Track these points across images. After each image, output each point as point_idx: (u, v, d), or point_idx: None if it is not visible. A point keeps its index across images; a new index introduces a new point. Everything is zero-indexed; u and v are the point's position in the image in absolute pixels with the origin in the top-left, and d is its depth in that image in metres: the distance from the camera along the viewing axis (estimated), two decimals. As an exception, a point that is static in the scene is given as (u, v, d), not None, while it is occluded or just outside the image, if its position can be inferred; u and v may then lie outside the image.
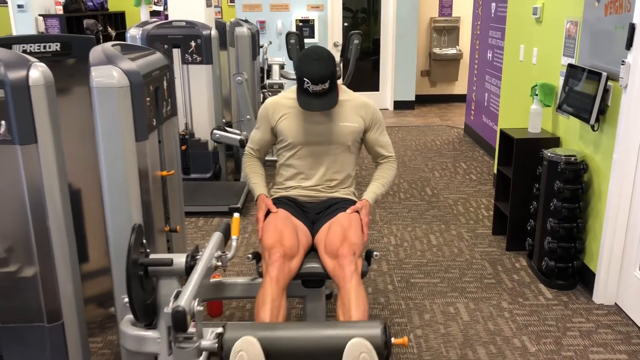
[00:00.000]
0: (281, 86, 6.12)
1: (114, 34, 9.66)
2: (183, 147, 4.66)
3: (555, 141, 3.53)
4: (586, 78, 3.08)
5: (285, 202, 2.51)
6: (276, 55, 7.33)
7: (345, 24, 8.21)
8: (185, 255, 2.06)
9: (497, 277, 3.35)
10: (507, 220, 3.65)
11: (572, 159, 3.11)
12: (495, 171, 4.51)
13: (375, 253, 2.40)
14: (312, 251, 2.42)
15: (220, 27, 5.66)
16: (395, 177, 2.67)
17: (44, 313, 2.02)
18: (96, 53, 2.12)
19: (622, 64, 2.77)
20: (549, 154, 3.20)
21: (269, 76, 6.28)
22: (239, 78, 4.78)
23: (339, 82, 2.53)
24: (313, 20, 7.91)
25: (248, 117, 4.89)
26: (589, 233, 3.19)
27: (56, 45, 2.45)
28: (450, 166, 5.55)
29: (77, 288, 2.11)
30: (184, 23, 4.68)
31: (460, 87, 8.69)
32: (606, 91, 2.94)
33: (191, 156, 4.80)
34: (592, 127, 3.05)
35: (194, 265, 2.03)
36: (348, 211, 2.44)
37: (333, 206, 2.49)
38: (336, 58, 2.45)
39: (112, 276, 2.22)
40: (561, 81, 3.45)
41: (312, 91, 2.36)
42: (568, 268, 3.20)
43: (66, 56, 2.49)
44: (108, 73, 2.04)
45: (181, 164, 2.86)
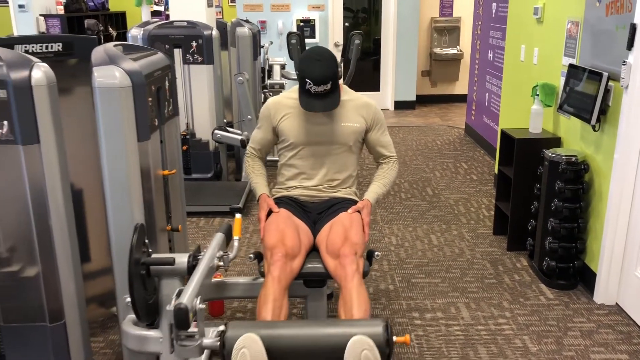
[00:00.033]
0: (282, 86, 6.12)
1: (115, 34, 9.66)
2: (184, 147, 4.67)
3: (556, 141, 3.54)
4: (587, 78, 3.09)
5: (286, 202, 2.51)
6: (277, 55, 7.33)
7: (346, 24, 8.21)
8: (187, 255, 2.07)
9: (498, 277, 3.35)
10: (508, 220, 3.65)
11: (573, 159, 3.11)
12: (496, 171, 4.51)
13: (376, 253, 2.40)
14: (314, 251, 2.42)
15: (221, 27, 5.67)
16: (396, 177, 2.67)
17: (46, 313, 2.02)
18: (98, 53, 2.13)
19: (623, 64, 2.77)
20: (550, 154, 3.20)
21: (270, 76, 6.28)
22: (240, 78, 4.79)
23: (341, 82, 2.53)
24: (314, 20, 7.91)
25: (249, 117, 4.90)
26: (590, 233, 3.19)
27: (58, 45, 2.45)
28: (451, 166, 5.55)
29: (79, 288, 2.12)
30: (185, 23, 4.69)
31: (461, 87, 8.69)
32: (607, 91, 2.94)
33: (192, 156, 4.81)
34: (593, 128, 3.05)
35: (196, 265, 2.04)
36: (349, 211, 2.45)
37: (334, 206, 2.49)
38: (337, 58, 2.45)
39: (114, 276, 2.23)
40: (562, 81, 3.45)
41: (314, 92, 2.37)
42: (569, 268, 3.20)
43: (68, 56, 2.49)
44: (110, 73, 2.04)
45: (182, 164, 2.86)
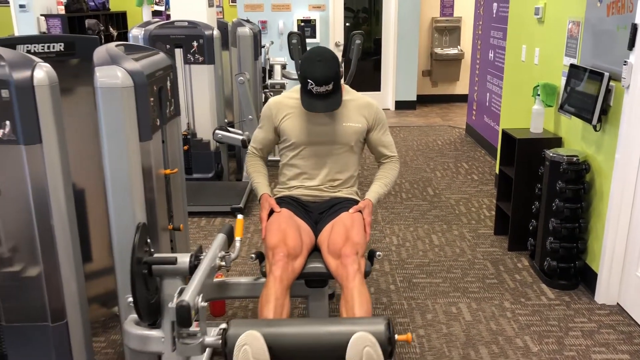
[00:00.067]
0: (283, 86, 6.12)
1: (116, 34, 9.67)
2: (185, 147, 4.66)
3: (557, 141, 3.54)
4: (588, 78, 3.09)
5: (288, 202, 2.51)
6: (278, 55, 7.33)
7: (346, 24, 8.21)
8: (189, 255, 2.07)
9: (499, 277, 3.35)
10: (509, 220, 3.65)
11: (574, 159, 3.11)
12: (497, 171, 4.51)
13: (378, 253, 2.40)
14: (315, 251, 2.42)
15: (222, 27, 5.67)
16: (397, 177, 2.67)
17: (48, 312, 2.02)
18: (100, 53, 2.13)
19: (625, 64, 2.77)
20: (551, 154, 3.20)
21: (271, 76, 6.29)
22: (241, 78, 4.79)
23: (342, 82, 2.53)
24: (314, 20, 7.92)
25: (250, 117, 4.90)
26: (591, 233, 3.19)
27: (60, 45, 2.45)
28: (452, 166, 5.55)
29: (81, 287, 2.12)
30: (186, 23, 4.69)
31: (461, 87, 8.69)
32: (608, 91, 2.94)
33: (193, 156, 4.81)
34: (594, 127, 3.05)
35: (198, 264, 2.04)
36: (351, 211, 2.45)
37: (336, 206, 2.50)
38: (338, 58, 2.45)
39: (116, 275, 2.23)
40: (563, 81, 3.45)
41: (316, 92, 2.37)
42: (570, 268, 3.20)
43: (70, 56, 2.50)
44: (112, 73, 2.04)
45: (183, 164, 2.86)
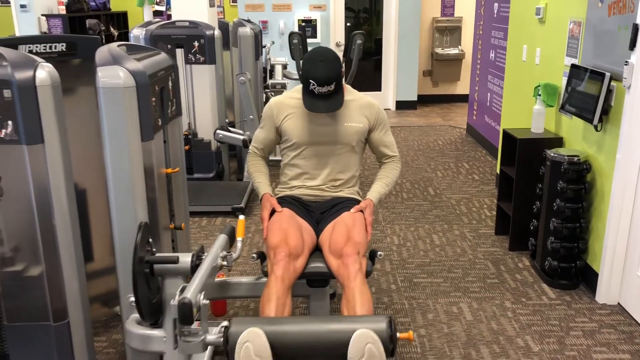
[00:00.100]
0: (284, 86, 6.12)
1: (117, 34, 9.67)
2: (186, 147, 4.66)
3: (558, 141, 3.54)
4: (589, 78, 3.09)
5: (289, 202, 2.52)
6: (279, 55, 7.33)
7: (347, 24, 8.22)
8: (190, 254, 2.07)
9: (500, 277, 3.36)
10: (510, 220, 3.65)
11: (575, 159, 3.11)
12: (497, 171, 4.51)
13: (379, 253, 2.41)
14: (317, 251, 2.43)
15: (223, 27, 5.68)
16: (398, 177, 2.68)
17: (50, 312, 2.02)
18: (102, 53, 2.13)
19: (626, 65, 2.77)
20: (552, 154, 3.20)
21: (272, 76, 6.29)
22: (242, 78, 4.79)
23: (344, 82, 2.54)
24: (315, 20, 7.92)
25: (251, 117, 4.90)
26: (592, 233, 3.19)
27: (62, 45, 2.46)
28: (452, 166, 5.56)
29: (83, 287, 2.12)
30: (187, 23, 4.69)
31: (462, 87, 8.69)
32: (609, 91, 2.94)
33: (194, 156, 4.81)
34: (595, 128, 3.05)
35: (199, 264, 2.04)
36: (352, 210, 2.45)
37: (337, 205, 2.50)
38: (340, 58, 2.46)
39: (118, 275, 2.23)
40: (564, 81, 3.45)
41: (318, 93, 2.37)
42: (571, 268, 3.20)
43: (72, 56, 2.50)
44: (114, 73, 2.05)
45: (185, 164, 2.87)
